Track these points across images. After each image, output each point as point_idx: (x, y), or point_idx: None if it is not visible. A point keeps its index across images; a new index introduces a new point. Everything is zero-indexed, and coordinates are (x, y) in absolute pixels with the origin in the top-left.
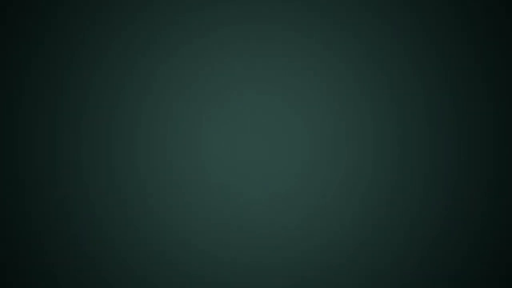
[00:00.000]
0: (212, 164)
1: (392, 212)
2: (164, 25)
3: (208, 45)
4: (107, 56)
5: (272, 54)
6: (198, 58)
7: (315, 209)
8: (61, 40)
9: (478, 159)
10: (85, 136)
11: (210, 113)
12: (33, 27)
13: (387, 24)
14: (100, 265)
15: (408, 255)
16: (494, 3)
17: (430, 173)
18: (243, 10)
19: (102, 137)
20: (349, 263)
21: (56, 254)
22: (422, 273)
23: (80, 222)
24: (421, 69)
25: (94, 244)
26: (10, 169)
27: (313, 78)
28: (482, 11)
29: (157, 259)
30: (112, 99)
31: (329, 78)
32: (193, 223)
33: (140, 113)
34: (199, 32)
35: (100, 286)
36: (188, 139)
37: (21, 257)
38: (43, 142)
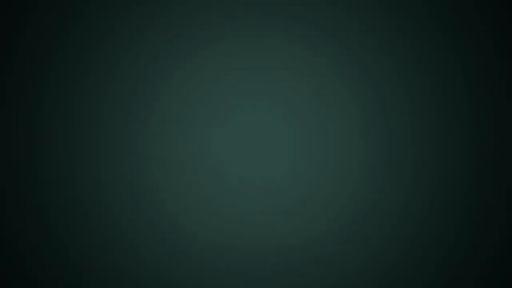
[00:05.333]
0: (218, 162)
1: (379, 209)
2: (174, 35)
3: (216, 54)
4: (121, 63)
5: (274, 63)
6: (206, 66)
7: (307, 203)
8: (79, 48)
9: (461, 159)
10: (100, 138)
11: (216, 116)
12: (50, 35)
13: (373, 28)
14: (115, 259)
15: (394, 249)
16: (476, 9)
17: (416, 171)
18: (253, 23)
19: (117, 138)
20: (337, 256)
21: (72, 250)
22: (407, 267)
23: (96, 220)
24: (407, 73)
25: (109, 240)
26: (28, 171)
27: (309, 83)
28: (464, 13)
29: (169, 251)
30: (126, 103)
31: (320, 83)
32: (201, 216)
33: (153, 116)
34: (205, 42)
35: (115, 279)
36: (196, 139)
37: (39, 254)
38: (60, 144)
